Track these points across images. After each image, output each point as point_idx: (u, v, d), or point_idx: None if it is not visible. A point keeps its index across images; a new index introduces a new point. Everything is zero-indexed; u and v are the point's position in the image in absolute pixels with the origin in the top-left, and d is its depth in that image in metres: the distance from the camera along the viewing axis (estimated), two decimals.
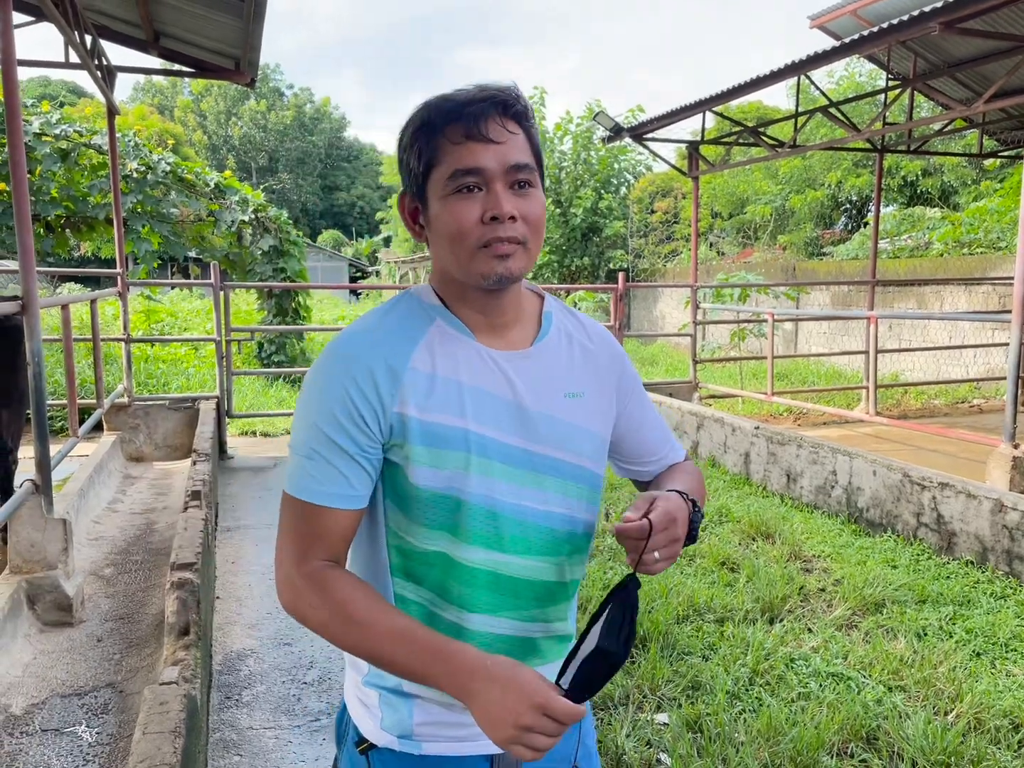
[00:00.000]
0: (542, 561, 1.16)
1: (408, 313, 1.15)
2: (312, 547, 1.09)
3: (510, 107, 1.07)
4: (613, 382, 1.26)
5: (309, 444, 1.08)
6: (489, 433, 1.11)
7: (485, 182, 1.05)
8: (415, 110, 1.11)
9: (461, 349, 1.12)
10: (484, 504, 1.10)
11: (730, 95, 6.81)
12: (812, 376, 10.83)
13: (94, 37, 5.58)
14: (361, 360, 1.08)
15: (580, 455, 1.19)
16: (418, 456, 1.08)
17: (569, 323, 1.25)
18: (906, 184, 15.49)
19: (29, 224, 3.38)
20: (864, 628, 3.48)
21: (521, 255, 1.08)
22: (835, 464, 5.03)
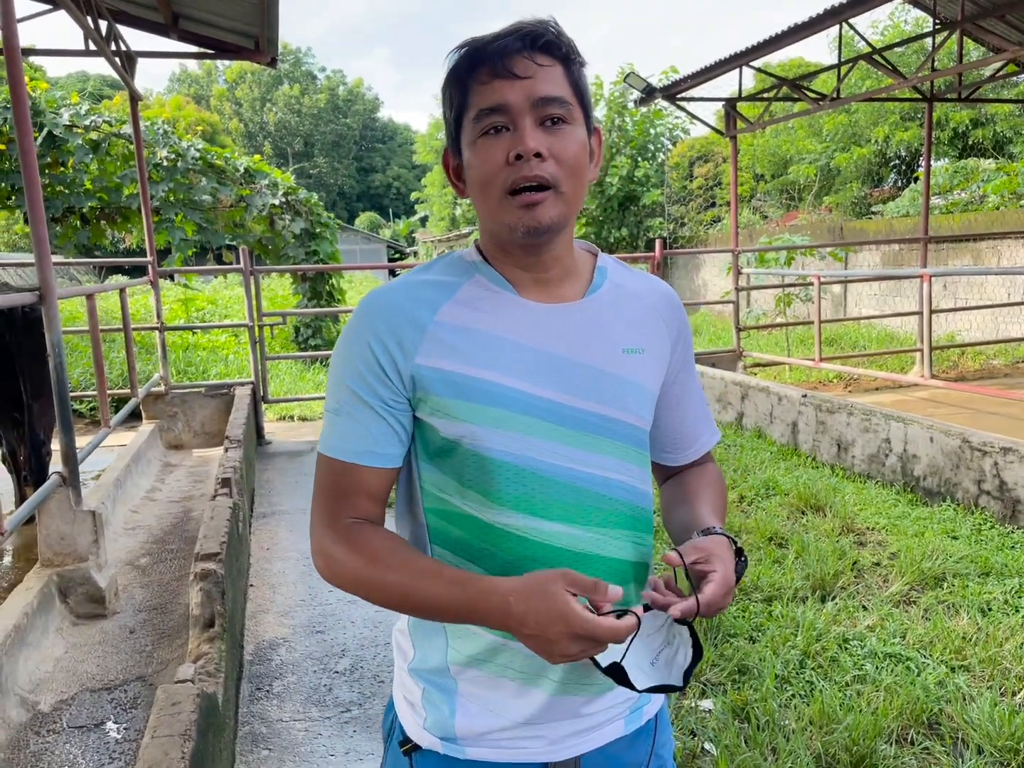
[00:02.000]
0: (595, 532, 1.07)
1: (446, 269, 1.10)
2: (341, 506, 1.06)
3: (539, 38, 0.99)
4: (671, 339, 1.18)
5: (337, 400, 1.07)
6: (526, 387, 1.04)
7: (511, 120, 0.99)
8: (447, 57, 1.04)
9: (500, 302, 1.07)
10: (519, 463, 1.03)
11: (768, 46, 6.49)
12: (863, 340, 10.45)
13: (110, 23, 5.51)
14: (384, 313, 1.05)
15: (641, 416, 1.11)
16: (443, 408, 1.03)
17: (627, 278, 1.17)
18: (957, 136, 14.81)
19: (42, 215, 3.32)
20: (923, 604, 3.28)
21: (553, 202, 1.00)
22: (888, 431, 4.79)
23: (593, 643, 0.92)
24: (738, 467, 5.19)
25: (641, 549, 1.13)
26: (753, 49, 6.57)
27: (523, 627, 0.93)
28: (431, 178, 30.50)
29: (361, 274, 28.63)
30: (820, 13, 5.67)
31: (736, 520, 4.21)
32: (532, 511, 1.04)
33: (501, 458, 1.03)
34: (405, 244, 39.57)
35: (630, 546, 1.11)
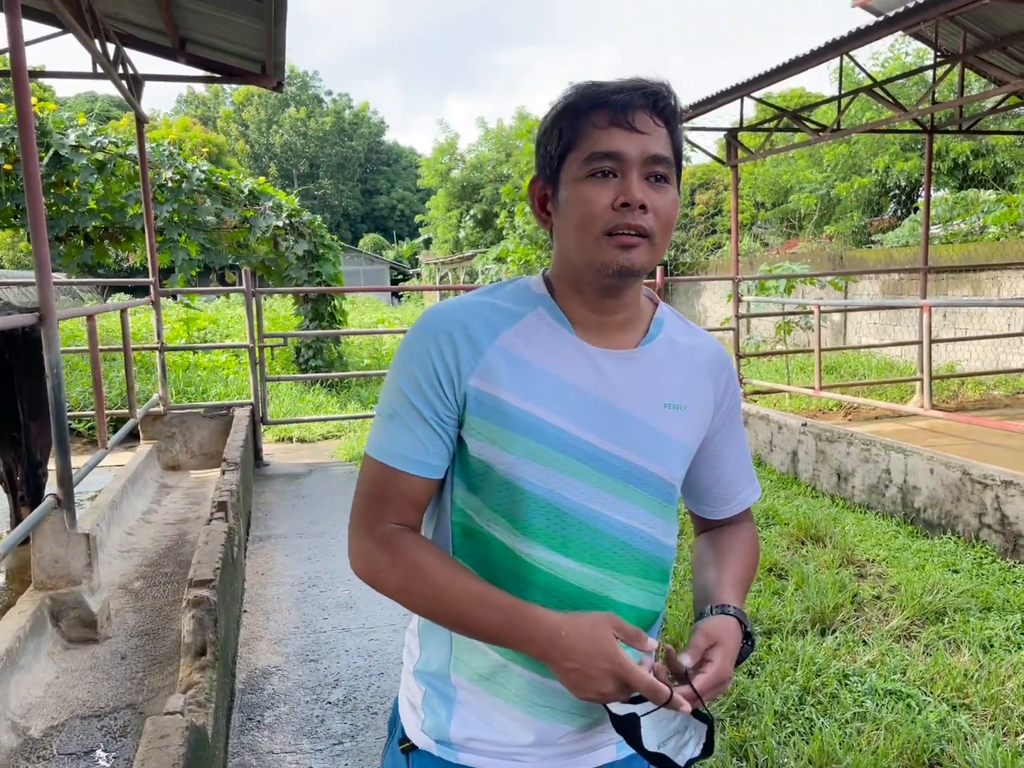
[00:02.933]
0: (611, 576, 1.10)
1: (512, 296, 1.13)
2: (384, 510, 1.08)
3: (660, 101, 1.05)
4: (715, 398, 1.20)
5: (391, 404, 1.09)
6: (568, 427, 1.07)
7: (621, 168, 1.03)
8: (562, 94, 1.09)
9: (557, 340, 1.10)
10: (548, 498, 1.07)
11: (769, 78, 6.54)
12: (863, 369, 10.45)
13: (118, 46, 5.56)
14: (448, 326, 1.08)
15: (672, 471, 1.14)
16: (484, 431, 1.07)
17: (681, 333, 1.20)
18: (957, 166, 14.90)
19: (45, 236, 3.32)
20: (924, 639, 3.24)
21: (646, 249, 1.04)
22: (888, 462, 4.77)
23: (627, 690, 0.97)
24: None
25: (653, 598, 1.15)
26: (754, 80, 6.63)
27: (566, 659, 0.97)
28: (435, 201, 30.66)
29: (364, 296, 28.72)
30: (821, 46, 5.72)
31: None
32: (552, 545, 1.07)
33: (531, 489, 1.06)
34: (408, 266, 39.73)
35: (642, 594, 1.13)
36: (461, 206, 29.87)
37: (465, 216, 29.75)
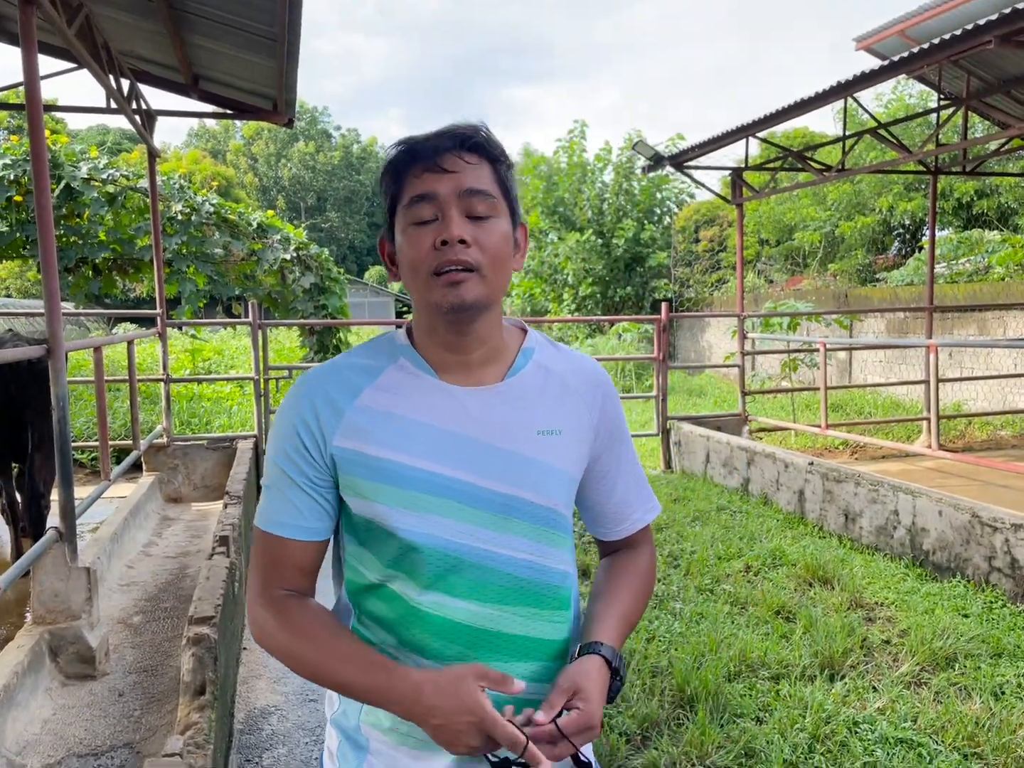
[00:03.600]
0: (503, 610, 1.12)
1: (374, 351, 1.18)
2: (273, 577, 1.13)
3: (468, 140, 1.09)
4: (593, 420, 1.21)
5: (269, 476, 1.15)
6: (439, 469, 1.09)
7: (440, 209, 1.07)
8: (386, 154, 1.15)
9: (420, 386, 1.13)
10: (429, 543, 1.09)
11: (774, 119, 6.61)
12: (868, 407, 10.42)
13: (132, 82, 5.65)
14: (308, 397, 1.13)
15: (552, 498, 1.15)
16: (358, 489, 1.10)
17: (552, 359, 1.22)
18: (961, 206, 15.00)
19: (55, 269, 3.34)
20: (934, 686, 3.18)
21: (475, 283, 1.06)
22: (897, 503, 4.73)
23: (493, 741, 0.98)
24: (744, 534, 5.12)
25: (554, 627, 1.16)
26: (760, 121, 6.70)
27: (430, 716, 0.99)
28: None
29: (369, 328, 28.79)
30: (826, 88, 5.79)
31: (743, 591, 4.13)
32: (440, 588, 1.10)
33: (411, 537, 1.09)
34: None
35: (540, 624, 1.14)
36: None
37: None
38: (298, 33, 4.68)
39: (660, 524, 5.35)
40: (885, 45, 8.59)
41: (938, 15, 7.88)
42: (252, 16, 4.64)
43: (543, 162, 19.05)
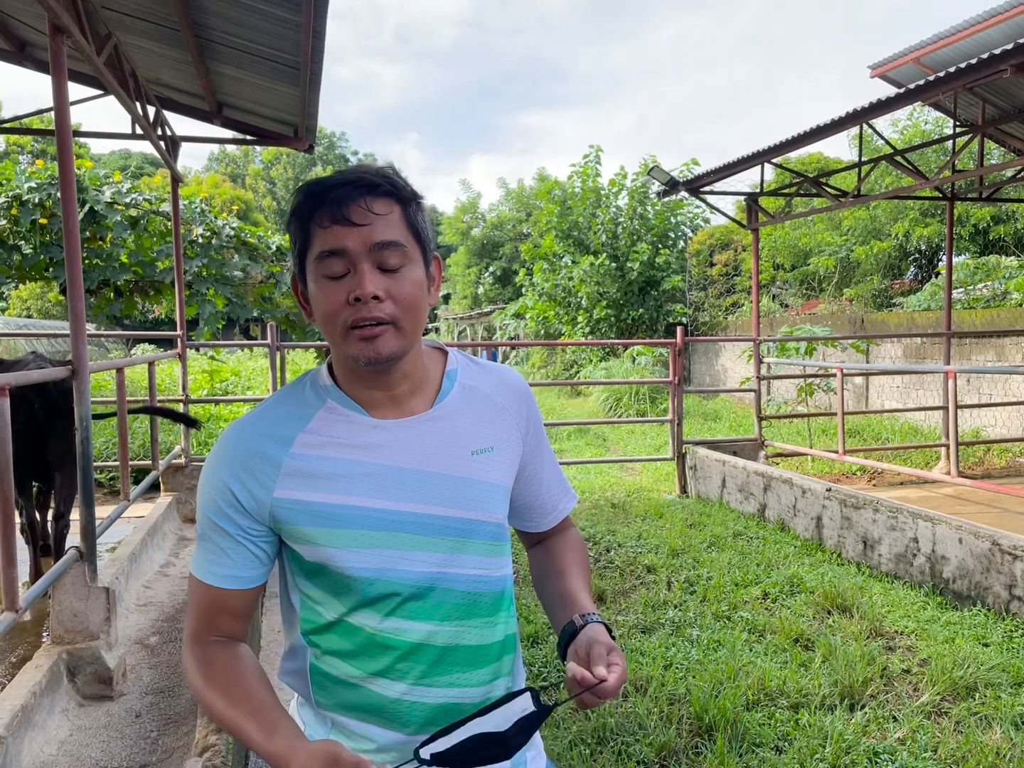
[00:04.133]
0: (462, 625, 1.16)
1: (299, 398, 1.17)
2: (205, 623, 1.16)
3: (376, 188, 1.08)
4: (520, 430, 1.26)
5: (201, 527, 1.16)
6: (382, 504, 1.11)
7: (351, 263, 1.06)
8: (293, 195, 1.14)
9: (351, 426, 1.14)
10: (384, 576, 1.11)
11: (790, 145, 6.65)
12: (886, 432, 10.35)
13: (158, 109, 5.76)
14: (240, 451, 1.12)
15: (495, 513, 1.20)
16: (304, 536, 1.11)
17: (476, 377, 1.24)
18: (978, 232, 14.95)
19: (81, 291, 3.40)
20: (955, 716, 3.14)
21: (391, 336, 1.08)
22: (916, 530, 4.69)
23: None
24: (761, 561, 5.08)
25: (501, 628, 1.22)
26: (775, 147, 6.73)
27: None
28: (455, 258, 31.13)
29: None
30: (842, 115, 5.82)
31: (760, 618, 4.10)
32: (399, 615, 1.13)
33: (365, 574, 1.11)
34: (428, 320, 40.09)
35: (489, 630, 1.20)
36: (481, 263, 30.27)
37: (484, 273, 30.12)
38: (320, 61, 4.77)
39: (676, 549, 5.33)
40: (900, 73, 8.64)
41: (953, 43, 7.93)
42: (276, 45, 4.74)
43: (557, 186, 19.16)
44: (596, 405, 14.44)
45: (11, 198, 8.66)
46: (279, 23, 4.38)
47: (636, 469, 8.90)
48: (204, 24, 4.67)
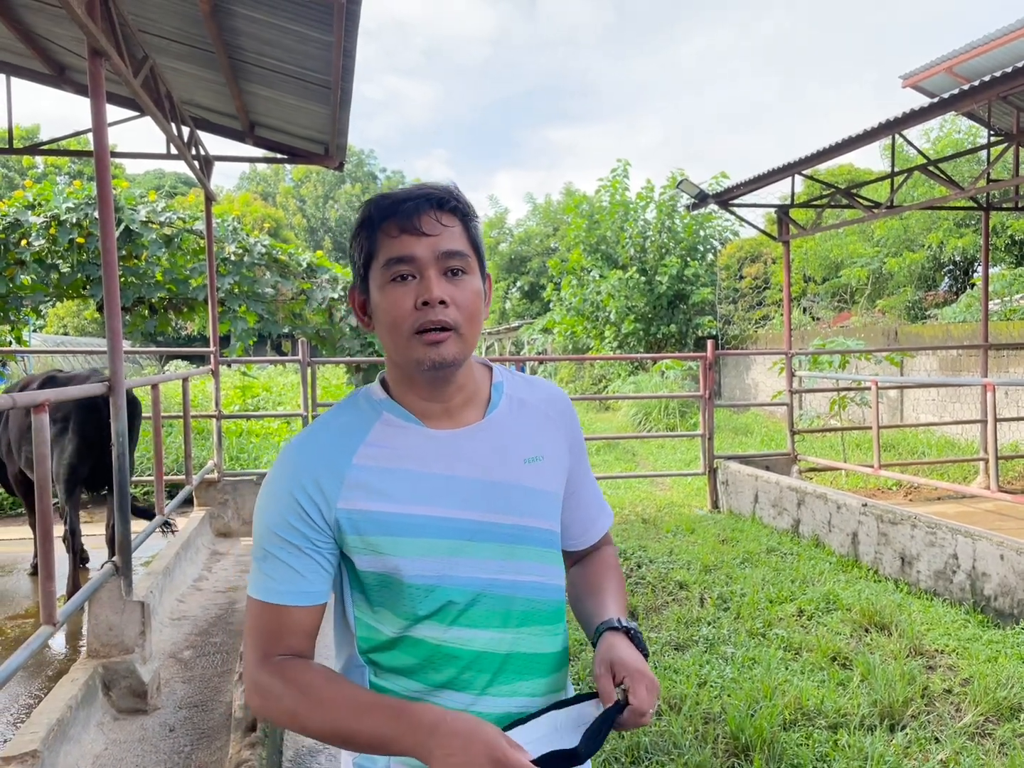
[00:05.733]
0: (524, 633, 1.19)
1: (355, 411, 1.21)
2: (274, 645, 1.14)
3: (445, 203, 1.14)
4: (567, 442, 1.30)
5: (264, 546, 1.15)
6: (442, 513, 1.14)
7: (418, 270, 1.11)
8: (360, 209, 1.19)
9: (409, 437, 1.17)
10: (444, 584, 1.14)
11: (820, 157, 6.59)
12: (921, 446, 10.17)
13: (192, 129, 5.86)
14: (305, 464, 1.15)
15: (548, 519, 1.23)
16: (367, 545, 1.13)
17: (521, 390, 1.29)
18: (1014, 243, 14.70)
19: (118, 309, 3.46)
20: (999, 737, 3.06)
21: (454, 341, 1.12)
22: (956, 546, 4.59)
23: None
24: (796, 578, 5.00)
25: (557, 639, 1.25)
26: (806, 159, 6.68)
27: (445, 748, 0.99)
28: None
29: None
30: (875, 126, 5.76)
31: (796, 636, 4.03)
32: (458, 623, 1.15)
33: (427, 583, 1.13)
34: None
35: (547, 639, 1.22)
36: (508, 278, 30.34)
37: (512, 288, 30.18)
38: (351, 80, 4.83)
39: (708, 565, 5.26)
40: (932, 82, 8.55)
41: (986, 52, 7.84)
42: (307, 65, 4.81)
43: (585, 201, 19.19)
44: (625, 420, 14.35)
45: (49, 218, 8.85)
46: (310, 43, 4.45)
47: (666, 484, 8.82)
48: (237, 45, 4.75)
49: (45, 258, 8.93)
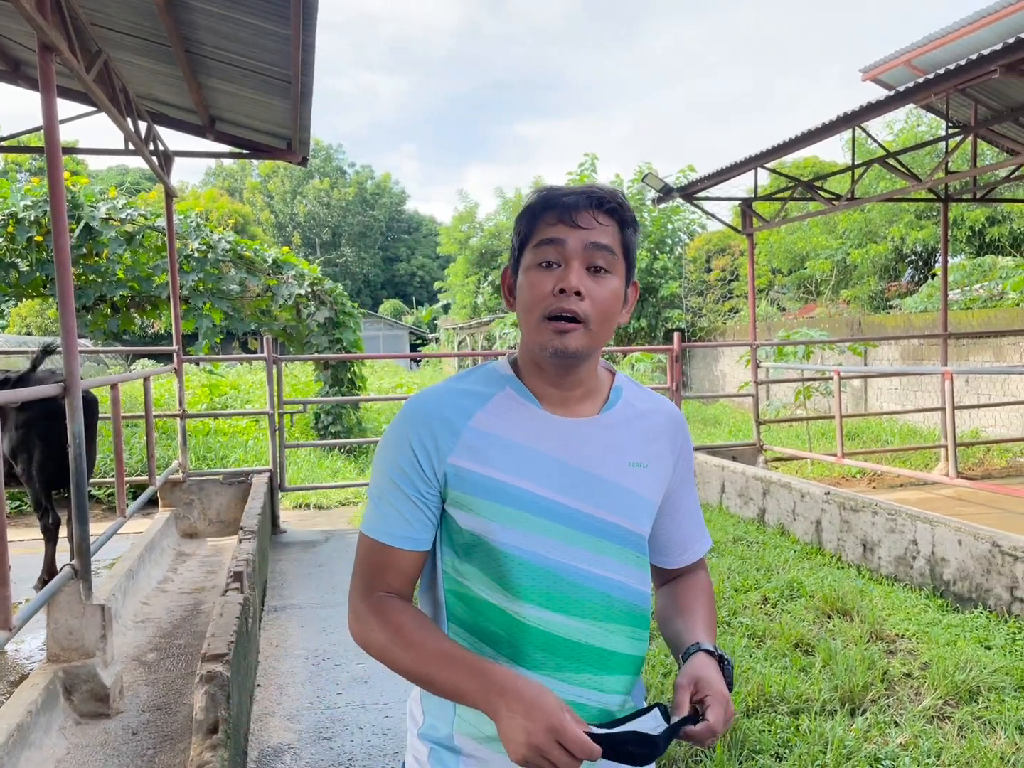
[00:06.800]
0: (597, 626, 1.20)
1: (482, 379, 1.26)
2: (376, 580, 1.21)
3: (604, 203, 1.17)
4: (673, 457, 1.31)
5: (379, 487, 1.22)
6: (543, 492, 1.18)
7: (564, 258, 1.15)
8: (526, 197, 1.23)
9: (526, 414, 1.21)
10: (531, 559, 1.17)
11: (783, 150, 6.66)
12: (885, 434, 10.33)
13: (149, 124, 5.77)
14: (425, 415, 1.20)
15: (640, 524, 1.25)
16: (468, 504, 1.18)
17: (639, 399, 1.32)
18: (973, 233, 14.97)
19: (72, 308, 3.40)
20: (958, 720, 3.12)
21: (580, 335, 1.15)
22: (915, 532, 4.67)
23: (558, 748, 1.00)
24: (761, 566, 5.06)
25: (636, 643, 1.25)
26: (768, 152, 6.74)
27: (511, 706, 1.03)
28: (454, 268, 31.11)
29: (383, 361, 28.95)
30: (834, 119, 5.83)
31: (760, 623, 4.08)
32: (539, 602, 1.17)
33: (515, 553, 1.17)
34: (428, 331, 40.12)
35: (626, 640, 1.23)
36: (479, 272, 30.26)
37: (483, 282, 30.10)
38: (311, 74, 4.78)
39: None
40: (892, 75, 8.66)
41: (944, 45, 7.95)
42: (266, 59, 4.75)
43: None
44: None
45: (7, 216, 8.68)
46: (268, 37, 4.39)
47: None
48: (194, 39, 4.68)
49: (3, 257, 8.77)
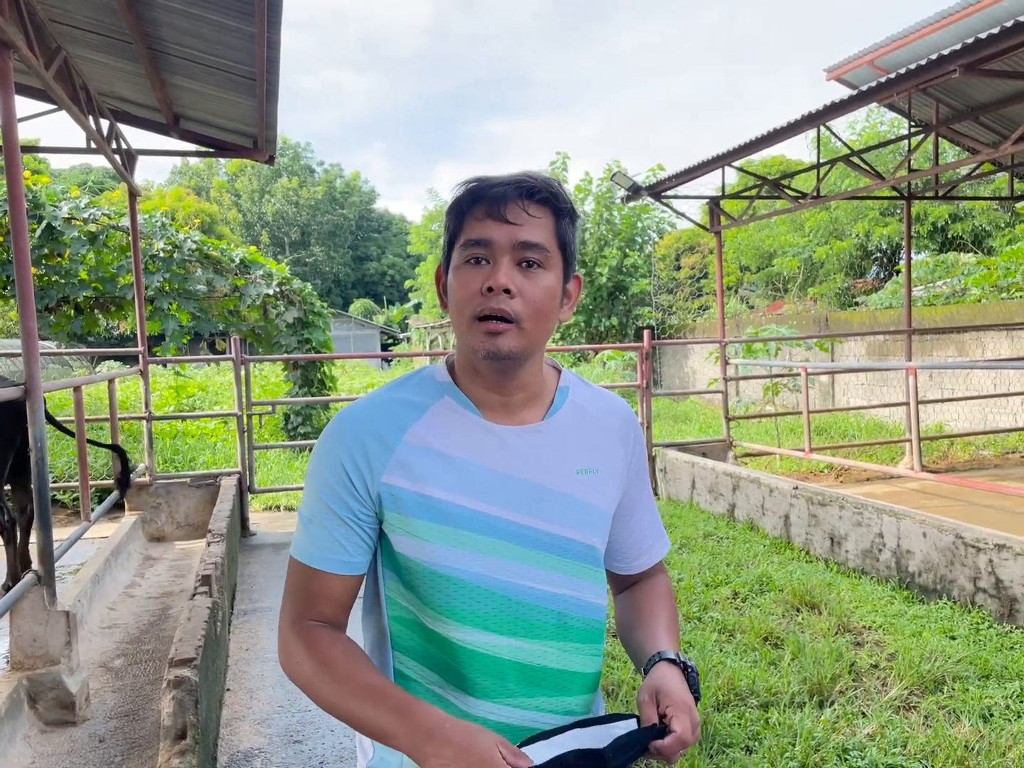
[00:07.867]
0: (552, 647, 1.14)
1: (418, 387, 1.18)
2: (306, 608, 1.13)
3: (536, 193, 1.10)
4: (625, 460, 1.25)
5: (310, 509, 1.15)
6: (485, 508, 1.11)
7: (492, 255, 1.08)
8: (453, 190, 1.15)
9: (465, 425, 1.14)
10: (474, 581, 1.11)
11: (749, 148, 6.72)
12: (852, 429, 10.48)
13: (111, 123, 5.68)
14: (356, 430, 1.13)
15: (592, 535, 1.18)
16: (404, 525, 1.11)
17: (587, 398, 1.25)
18: (936, 230, 15.24)
19: (33, 310, 3.33)
20: (924, 710, 3.17)
21: (513, 335, 1.08)
22: (881, 526, 4.74)
23: None
24: (731, 561, 5.11)
25: (595, 660, 1.20)
26: (735, 151, 6.80)
27: (438, 754, 0.97)
28: (424, 267, 31.03)
29: (354, 360, 28.78)
30: (798, 118, 5.90)
31: (730, 618, 4.12)
32: (484, 626, 1.11)
33: (456, 575, 1.10)
34: (399, 330, 39.95)
35: (585, 658, 1.18)
36: None
37: None
38: (277, 72, 4.74)
39: None
40: (855, 75, 8.78)
41: (906, 45, 8.08)
42: (231, 56, 4.69)
43: None
44: None
45: None
46: (232, 34, 4.34)
47: None
48: (157, 36, 4.62)
49: None
